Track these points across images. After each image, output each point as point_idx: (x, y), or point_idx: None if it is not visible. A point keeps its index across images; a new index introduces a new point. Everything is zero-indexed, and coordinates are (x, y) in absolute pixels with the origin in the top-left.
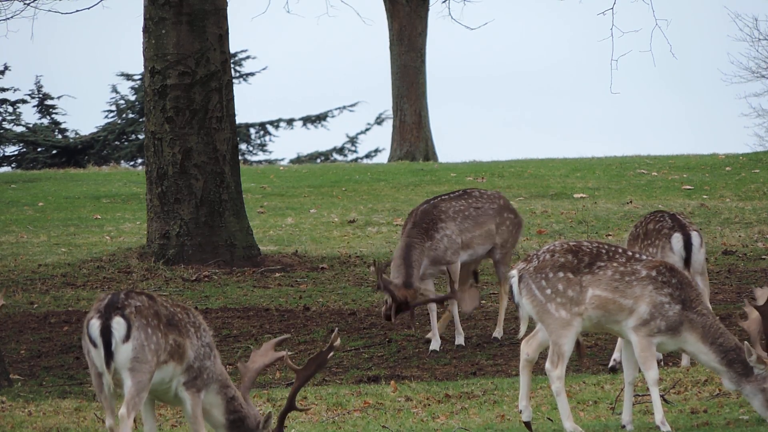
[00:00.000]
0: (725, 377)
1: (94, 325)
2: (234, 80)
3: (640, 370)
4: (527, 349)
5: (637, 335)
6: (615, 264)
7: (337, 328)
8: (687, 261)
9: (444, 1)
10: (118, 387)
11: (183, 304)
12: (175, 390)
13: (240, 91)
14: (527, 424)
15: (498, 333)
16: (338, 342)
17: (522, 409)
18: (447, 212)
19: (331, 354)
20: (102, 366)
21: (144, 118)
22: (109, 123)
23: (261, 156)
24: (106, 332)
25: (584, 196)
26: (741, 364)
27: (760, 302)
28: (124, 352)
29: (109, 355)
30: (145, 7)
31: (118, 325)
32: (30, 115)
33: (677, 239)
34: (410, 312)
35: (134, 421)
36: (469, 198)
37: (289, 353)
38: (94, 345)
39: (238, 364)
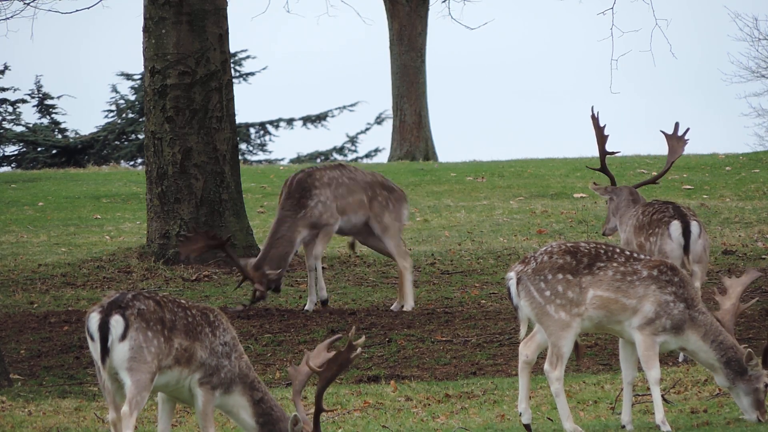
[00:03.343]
0: (720, 374)
1: (94, 319)
2: (234, 80)
3: (639, 370)
4: (526, 351)
5: (641, 334)
6: (615, 264)
7: (354, 327)
8: (686, 248)
9: (444, 1)
10: (116, 386)
11: (205, 305)
12: (189, 387)
13: (240, 91)
14: (527, 427)
15: (406, 306)
16: (362, 340)
17: (522, 411)
18: (321, 180)
19: (355, 354)
20: (98, 361)
21: (144, 118)
22: (109, 123)
23: (261, 156)
24: (104, 328)
25: (584, 195)
26: (737, 362)
27: (730, 292)
28: (120, 351)
29: (104, 351)
30: (145, 6)
31: (116, 323)
32: (30, 115)
33: (675, 227)
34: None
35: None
36: (344, 169)
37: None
38: (92, 339)
39: (288, 368)
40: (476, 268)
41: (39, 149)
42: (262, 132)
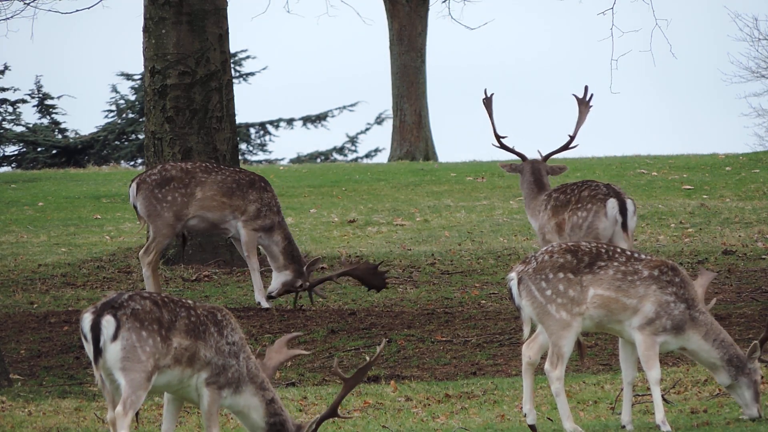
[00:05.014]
0: (722, 373)
1: (86, 319)
2: (234, 80)
3: (639, 370)
4: (529, 352)
5: (642, 334)
6: (616, 263)
7: (385, 340)
8: (624, 225)
9: (444, 1)
10: (114, 386)
11: (213, 305)
12: (196, 387)
13: (240, 91)
14: (533, 427)
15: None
16: (381, 346)
17: (526, 412)
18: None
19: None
20: (92, 361)
21: (144, 118)
22: (109, 123)
23: (261, 156)
24: (96, 329)
25: None
26: (738, 359)
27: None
28: (112, 351)
29: (97, 352)
30: (145, 6)
31: (107, 323)
32: (30, 115)
33: (612, 204)
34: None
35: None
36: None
37: (307, 352)
38: (85, 339)
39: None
40: (476, 268)
41: (39, 149)
42: (262, 132)
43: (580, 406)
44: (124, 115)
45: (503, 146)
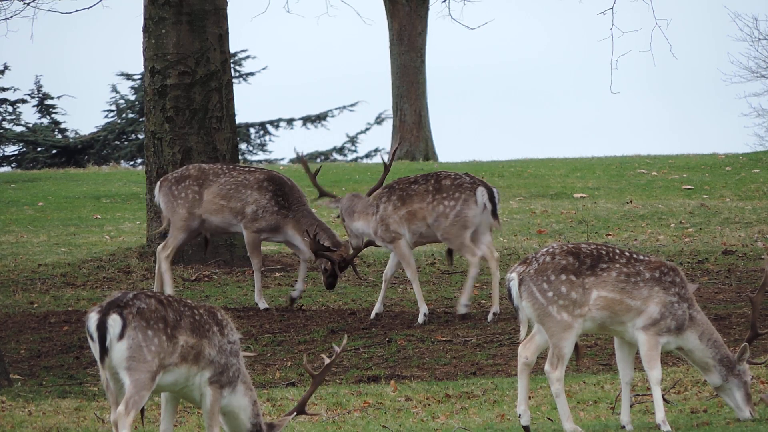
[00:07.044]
0: (714, 372)
1: (92, 318)
2: (234, 80)
3: (636, 371)
4: (525, 353)
5: (645, 334)
6: (618, 265)
7: (346, 336)
8: (494, 213)
9: (444, 1)
10: (118, 386)
11: (211, 306)
12: (199, 386)
13: (240, 91)
14: (526, 429)
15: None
16: (345, 342)
17: (521, 413)
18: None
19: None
20: (98, 361)
21: (144, 118)
22: (109, 123)
23: (261, 156)
24: (102, 328)
25: (584, 196)
26: (728, 359)
27: None
28: (118, 351)
29: (103, 351)
30: (145, 6)
31: (113, 322)
32: (30, 115)
33: (481, 192)
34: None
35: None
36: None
37: (253, 354)
38: (91, 339)
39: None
40: None
41: (39, 149)
42: (262, 132)
43: (580, 406)
44: (124, 115)
45: (322, 192)
